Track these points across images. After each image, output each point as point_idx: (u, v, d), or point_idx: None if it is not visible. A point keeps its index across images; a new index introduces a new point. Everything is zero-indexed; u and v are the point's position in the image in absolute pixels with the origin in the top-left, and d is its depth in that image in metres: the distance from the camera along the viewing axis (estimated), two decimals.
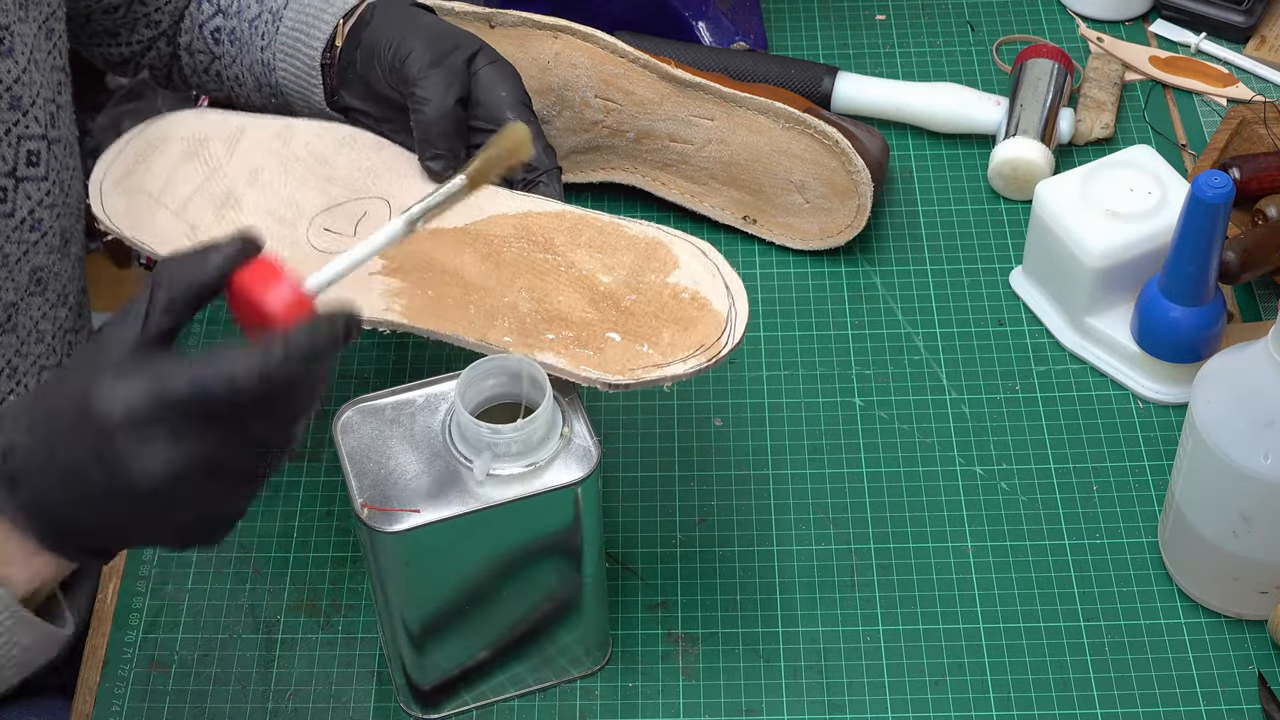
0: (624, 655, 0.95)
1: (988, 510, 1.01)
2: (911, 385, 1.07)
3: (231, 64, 1.05)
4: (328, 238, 0.91)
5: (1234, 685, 0.92)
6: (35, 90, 0.94)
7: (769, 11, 1.32)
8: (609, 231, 0.90)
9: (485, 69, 0.95)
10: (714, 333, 0.85)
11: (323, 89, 1.01)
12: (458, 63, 0.94)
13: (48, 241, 0.96)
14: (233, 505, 0.72)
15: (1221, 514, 0.91)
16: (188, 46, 1.08)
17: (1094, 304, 1.06)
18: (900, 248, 1.15)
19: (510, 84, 0.95)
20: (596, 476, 0.83)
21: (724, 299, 0.87)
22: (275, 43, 1.02)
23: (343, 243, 0.91)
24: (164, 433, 0.67)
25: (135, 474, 0.68)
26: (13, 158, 0.92)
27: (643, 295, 0.87)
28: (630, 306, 0.87)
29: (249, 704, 0.93)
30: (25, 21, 0.93)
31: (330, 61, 1.00)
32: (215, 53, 1.06)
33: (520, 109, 0.94)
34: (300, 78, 1.01)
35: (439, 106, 0.93)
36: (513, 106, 0.94)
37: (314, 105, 1.02)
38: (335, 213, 0.93)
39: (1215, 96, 1.24)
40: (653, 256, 0.89)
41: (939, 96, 1.21)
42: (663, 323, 0.86)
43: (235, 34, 1.05)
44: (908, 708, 0.92)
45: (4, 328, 0.94)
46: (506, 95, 0.94)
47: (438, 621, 0.87)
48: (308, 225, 0.92)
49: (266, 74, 1.03)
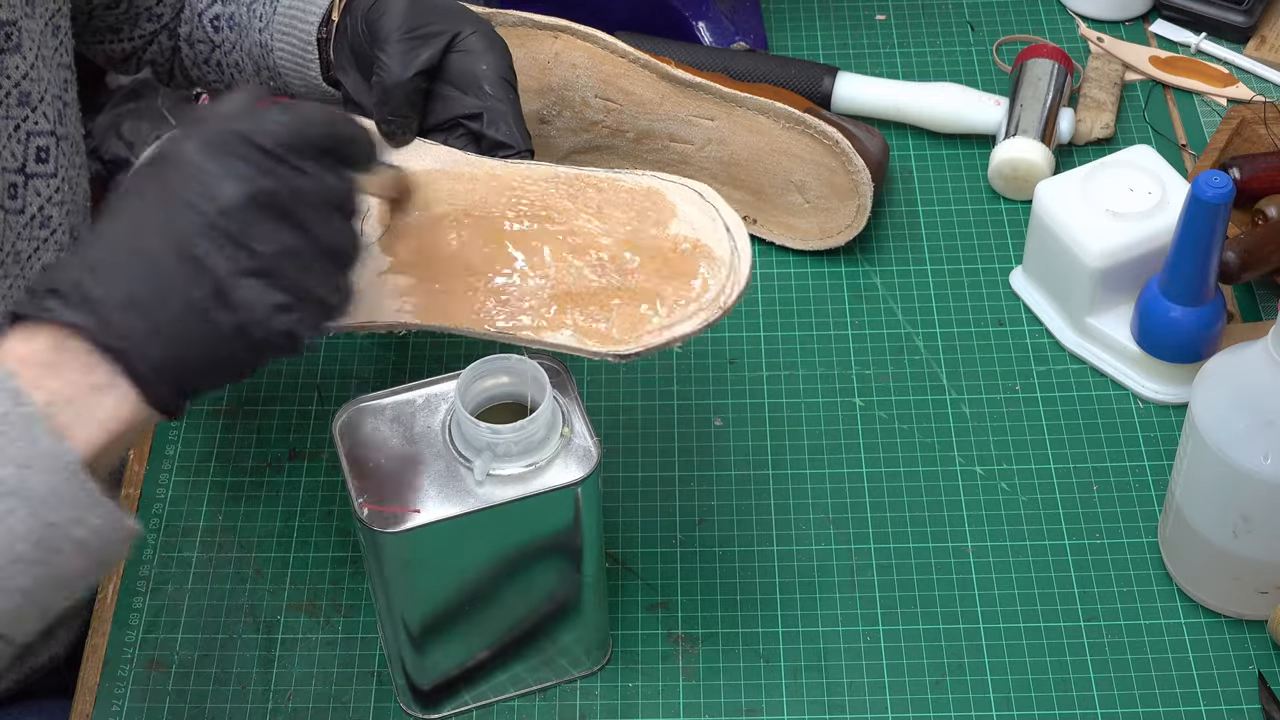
0: (624, 655, 0.95)
1: (988, 510, 1.01)
2: (911, 385, 1.07)
3: (231, 50, 1.05)
4: None
5: (1234, 685, 0.92)
6: (44, 86, 0.94)
7: (769, 11, 1.32)
8: (605, 188, 0.88)
9: (470, 38, 0.93)
10: (718, 282, 0.84)
11: (319, 64, 1.01)
12: (431, 35, 0.92)
13: (57, 239, 0.96)
14: (314, 283, 0.71)
15: (1221, 514, 0.90)
16: (188, 37, 1.08)
17: (1094, 304, 1.06)
18: (900, 248, 1.15)
19: (493, 58, 0.93)
20: (596, 476, 0.83)
21: (725, 243, 0.85)
22: (272, 23, 1.02)
23: None
24: (231, 157, 0.70)
25: (212, 192, 0.69)
26: (22, 154, 0.92)
27: (644, 254, 0.85)
28: (633, 269, 0.85)
29: (249, 704, 0.93)
30: (32, 18, 0.93)
31: (326, 36, 1.00)
32: (215, 41, 1.06)
33: (499, 83, 0.93)
34: (296, 54, 1.01)
35: (397, 76, 0.91)
36: (490, 80, 0.92)
37: (310, 83, 1.02)
38: None
39: (1215, 96, 1.24)
40: (650, 209, 0.87)
41: (939, 96, 1.21)
42: (665, 280, 0.84)
43: (234, 19, 1.05)
44: (908, 708, 0.92)
45: None
46: (486, 69, 0.93)
47: (438, 621, 0.87)
48: None
49: (265, 56, 1.03)
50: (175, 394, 0.70)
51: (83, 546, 0.68)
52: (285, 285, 0.70)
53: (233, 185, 0.69)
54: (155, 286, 0.68)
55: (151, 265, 0.69)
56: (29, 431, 0.66)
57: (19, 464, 0.65)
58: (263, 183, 0.70)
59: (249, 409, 1.06)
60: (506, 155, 0.91)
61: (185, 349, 0.69)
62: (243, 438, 1.05)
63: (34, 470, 0.66)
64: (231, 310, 0.69)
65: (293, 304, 0.70)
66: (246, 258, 0.69)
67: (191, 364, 0.70)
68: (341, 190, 0.73)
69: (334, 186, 0.73)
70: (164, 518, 1.01)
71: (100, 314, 0.68)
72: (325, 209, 0.72)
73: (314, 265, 0.71)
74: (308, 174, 0.71)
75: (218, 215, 0.69)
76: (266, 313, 0.70)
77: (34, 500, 0.66)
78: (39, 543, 0.66)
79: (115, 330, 0.68)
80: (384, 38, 0.92)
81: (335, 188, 0.73)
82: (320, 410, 1.06)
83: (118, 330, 0.68)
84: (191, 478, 1.03)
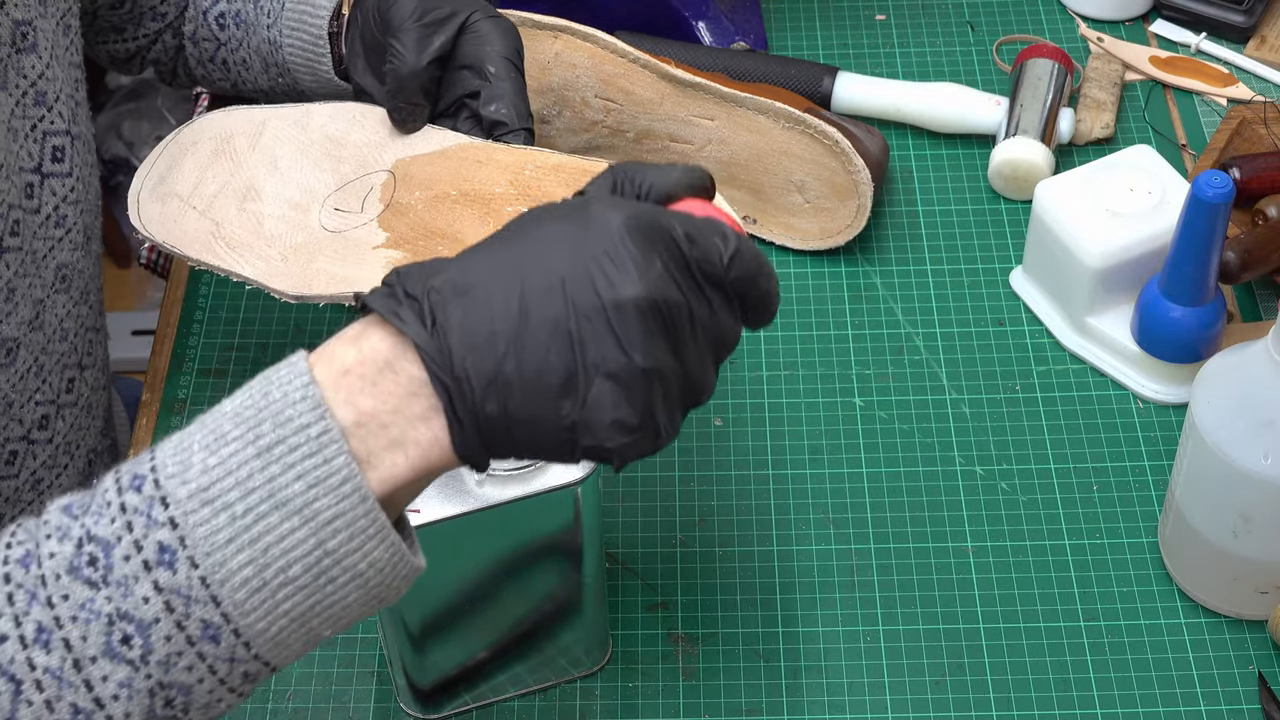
0: (624, 655, 0.95)
1: (988, 510, 1.01)
2: (911, 385, 1.07)
3: (238, 48, 1.06)
4: (338, 217, 0.92)
5: (1234, 685, 0.92)
6: (58, 86, 0.94)
7: (769, 11, 1.32)
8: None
9: (481, 22, 0.94)
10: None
11: (330, 59, 1.01)
12: (442, 20, 0.93)
13: (72, 238, 0.96)
14: (662, 415, 0.63)
15: (1221, 514, 0.91)
16: (192, 36, 1.08)
17: (1094, 304, 1.06)
18: (900, 248, 1.15)
19: (499, 39, 0.93)
20: (596, 476, 0.83)
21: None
22: (281, 19, 1.02)
23: (351, 220, 0.91)
24: (654, 254, 0.63)
25: (619, 279, 0.61)
26: (38, 153, 0.93)
27: None
28: None
29: (249, 704, 0.93)
30: (45, 17, 0.93)
31: (338, 30, 1.01)
32: (220, 39, 1.06)
33: (502, 64, 0.93)
34: (306, 49, 1.01)
35: (412, 63, 0.92)
36: (494, 60, 0.93)
37: (321, 79, 1.02)
38: (345, 191, 0.93)
39: (1215, 96, 1.24)
40: None
41: (939, 96, 1.21)
42: None
43: (241, 16, 1.05)
44: (908, 708, 0.92)
45: (33, 325, 0.93)
46: (492, 49, 0.93)
47: (438, 621, 0.87)
48: (319, 208, 0.93)
49: (273, 52, 1.03)
50: (483, 451, 0.63)
51: (360, 579, 0.62)
52: (638, 405, 0.62)
53: (643, 284, 0.62)
54: (515, 342, 0.61)
55: (521, 318, 0.62)
56: (324, 450, 0.61)
57: (309, 483, 0.60)
58: (672, 295, 0.63)
59: None
60: (504, 133, 0.92)
61: (514, 416, 0.62)
62: None
63: (321, 490, 0.61)
64: (578, 404, 0.62)
65: (636, 427, 0.63)
66: (617, 361, 0.62)
67: (512, 434, 0.63)
68: (731, 335, 0.66)
69: (727, 329, 0.66)
70: None
71: (448, 342, 0.62)
72: (708, 346, 0.65)
73: (672, 397, 0.64)
74: (713, 307, 0.65)
75: (613, 305, 0.62)
76: (607, 424, 0.62)
77: (317, 523, 0.61)
78: (313, 568, 0.61)
79: (456, 366, 0.61)
80: (397, 26, 0.93)
81: (728, 330, 0.66)
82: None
83: (459, 367, 0.61)
84: None
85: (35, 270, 0.93)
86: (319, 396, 0.61)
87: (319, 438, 0.60)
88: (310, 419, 0.61)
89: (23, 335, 0.92)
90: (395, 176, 0.93)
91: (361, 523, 0.61)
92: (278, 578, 0.61)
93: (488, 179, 0.90)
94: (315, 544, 0.61)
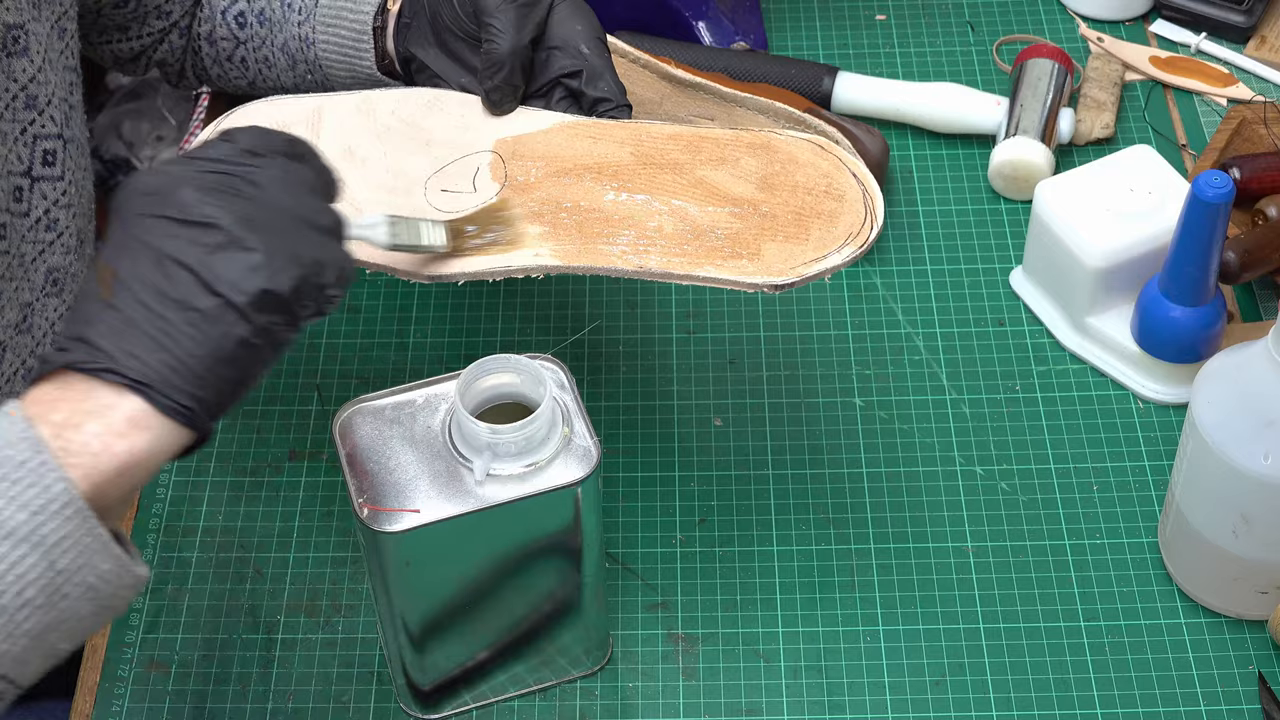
0: (624, 655, 0.95)
1: (988, 510, 1.01)
2: (911, 385, 1.07)
3: (260, 46, 1.05)
4: (446, 198, 0.92)
5: (1234, 685, 0.92)
6: (50, 89, 0.94)
7: (769, 11, 1.32)
8: (725, 142, 0.91)
9: (564, 4, 0.96)
10: (857, 221, 0.87)
11: (373, 54, 1.01)
12: (536, 2, 0.95)
13: (64, 242, 0.96)
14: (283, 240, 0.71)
15: (1221, 514, 0.90)
16: (208, 36, 1.08)
17: (1094, 304, 1.06)
18: (900, 248, 1.15)
19: (587, 20, 0.96)
20: (596, 476, 0.83)
21: (856, 187, 0.88)
22: (314, 15, 1.02)
23: (463, 200, 0.91)
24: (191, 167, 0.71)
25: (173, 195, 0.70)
26: (28, 157, 0.92)
27: (778, 197, 0.89)
28: (771, 210, 0.88)
29: (249, 704, 0.93)
30: (39, 20, 0.93)
31: (381, 25, 1.01)
32: (240, 38, 1.06)
33: (594, 42, 0.95)
34: (345, 45, 1.01)
35: (513, 42, 0.93)
36: (587, 40, 0.95)
37: (360, 74, 1.02)
38: (448, 173, 0.93)
39: (1215, 96, 1.24)
40: (775, 160, 0.90)
41: (939, 96, 1.21)
42: (807, 219, 0.87)
43: (264, 15, 1.05)
44: (908, 708, 0.92)
45: (20, 329, 0.93)
46: (581, 29, 0.95)
47: (438, 621, 0.87)
48: (423, 190, 0.92)
49: (304, 49, 1.03)
50: (187, 399, 0.69)
51: (91, 591, 0.67)
52: (253, 245, 0.70)
53: (188, 188, 0.70)
54: (137, 297, 0.69)
55: (130, 282, 0.69)
56: (44, 478, 0.66)
57: (32, 510, 0.65)
58: (213, 168, 0.71)
59: (249, 409, 1.06)
60: (609, 109, 0.94)
61: (181, 348, 0.68)
62: (243, 438, 1.05)
63: (45, 516, 0.66)
64: (212, 291, 0.69)
65: (263, 262, 0.69)
66: (211, 234, 0.69)
67: (196, 363, 0.69)
68: (297, 170, 0.74)
69: (289, 168, 0.73)
70: (164, 518, 1.01)
71: (89, 343, 0.68)
72: (282, 182, 0.72)
73: (275, 224, 0.71)
74: (261, 161, 0.73)
75: (178, 212, 0.70)
76: (241, 275, 0.69)
77: (45, 546, 0.65)
78: (47, 587, 0.66)
79: (102, 353, 0.68)
80: (494, 7, 0.94)
81: (290, 168, 0.73)
82: (320, 410, 1.06)
83: (104, 352, 0.68)
84: (191, 478, 1.03)
85: (23, 274, 0.93)
86: (36, 435, 0.66)
87: (37, 469, 0.66)
88: (28, 454, 0.66)
89: (8, 338, 0.92)
90: (501, 156, 0.93)
91: (88, 540, 0.66)
92: (15, 600, 0.65)
93: (606, 153, 0.91)
94: (47, 565, 0.66)
